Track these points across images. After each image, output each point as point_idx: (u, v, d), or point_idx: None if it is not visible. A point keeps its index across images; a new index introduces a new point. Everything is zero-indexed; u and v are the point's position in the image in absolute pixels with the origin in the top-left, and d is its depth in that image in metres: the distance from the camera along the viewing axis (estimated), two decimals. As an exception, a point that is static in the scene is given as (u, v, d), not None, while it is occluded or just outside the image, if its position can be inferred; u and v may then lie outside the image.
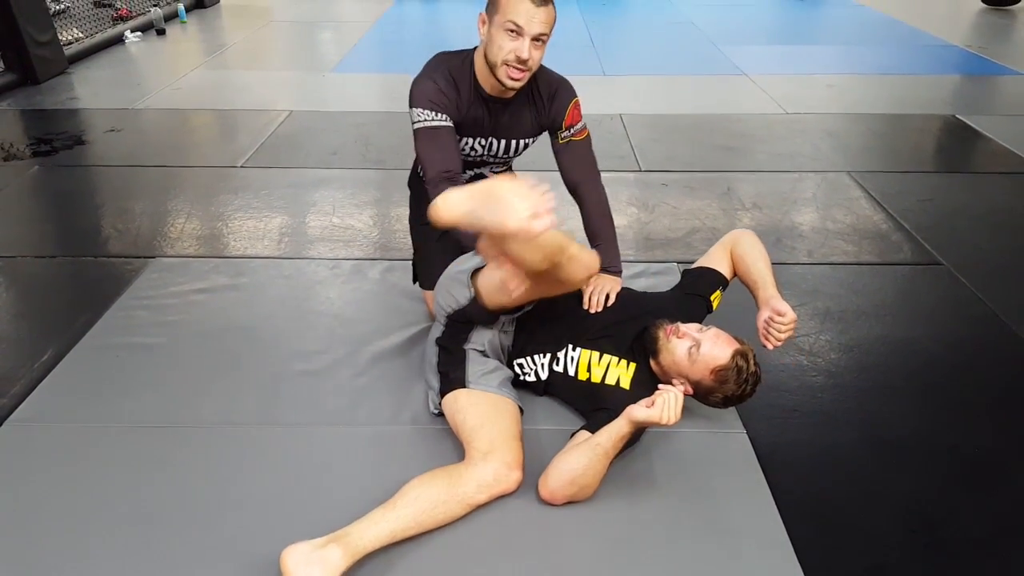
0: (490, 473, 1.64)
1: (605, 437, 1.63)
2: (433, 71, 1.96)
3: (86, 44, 5.56)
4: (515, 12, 1.77)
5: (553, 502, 1.68)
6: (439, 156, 1.90)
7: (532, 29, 1.79)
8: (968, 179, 3.50)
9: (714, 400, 1.79)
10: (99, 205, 3.23)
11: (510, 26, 1.79)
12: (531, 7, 1.77)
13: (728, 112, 4.38)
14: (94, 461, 1.81)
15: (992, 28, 6.69)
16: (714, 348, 1.74)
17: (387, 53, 6.02)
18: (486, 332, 1.92)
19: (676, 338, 1.78)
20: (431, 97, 1.90)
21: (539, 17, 1.78)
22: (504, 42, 1.81)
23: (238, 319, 2.38)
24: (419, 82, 1.95)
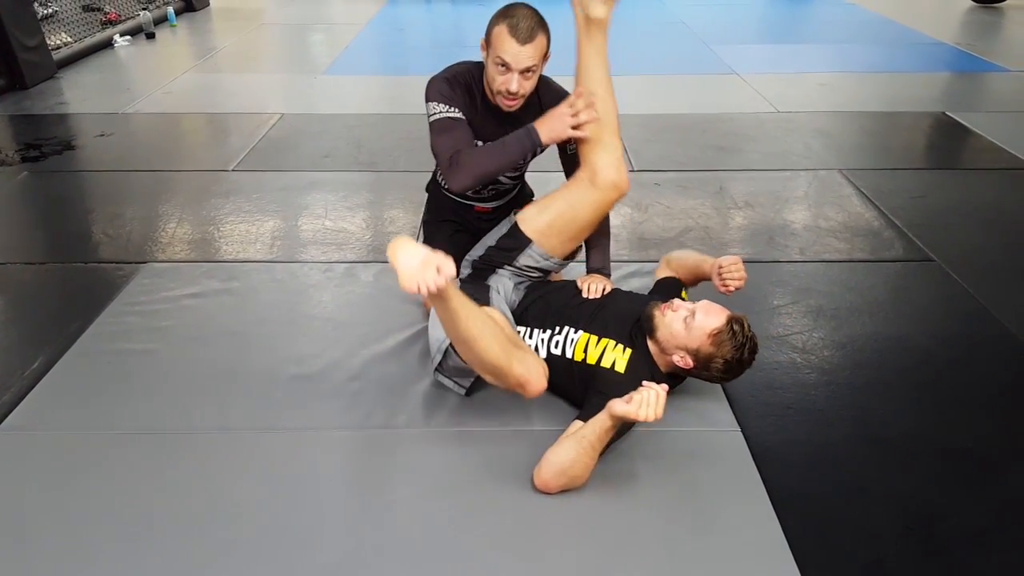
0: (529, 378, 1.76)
1: (590, 430, 1.67)
2: (449, 75, 2.03)
3: (75, 48, 5.53)
4: (503, 50, 1.86)
5: (547, 491, 1.71)
6: (451, 143, 1.96)
7: (519, 65, 1.87)
8: (959, 176, 3.51)
9: (715, 367, 1.81)
10: (89, 210, 3.22)
11: (499, 61, 1.88)
12: (516, 47, 1.85)
13: (720, 111, 4.39)
14: (86, 469, 1.80)
15: (981, 26, 6.72)
16: (708, 315, 1.82)
17: (379, 55, 6.02)
18: (506, 280, 2.08)
19: (671, 312, 1.85)
20: (445, 93, 1.99)
21: (525, 54, 1.86)
22: (495, 75, 1.91)
23: (230, 324, 2.37)
24: (434, 81, 2.02)
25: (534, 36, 1.85)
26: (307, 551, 1.59)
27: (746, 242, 2.90)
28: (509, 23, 1.84)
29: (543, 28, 1.89)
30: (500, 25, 1.86)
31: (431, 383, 2.08)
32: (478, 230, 2.23)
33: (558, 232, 2.04)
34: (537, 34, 1.86)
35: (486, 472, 1.79)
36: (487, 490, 1.74)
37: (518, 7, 1.89)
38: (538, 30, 1.87)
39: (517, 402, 1.99)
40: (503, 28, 1.85)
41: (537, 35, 1.86)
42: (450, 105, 1.97)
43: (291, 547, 1.59)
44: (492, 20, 1.90)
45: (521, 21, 1.84)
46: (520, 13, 1.86)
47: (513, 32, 1.83)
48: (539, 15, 1.90)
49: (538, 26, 1.87)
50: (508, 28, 1.84)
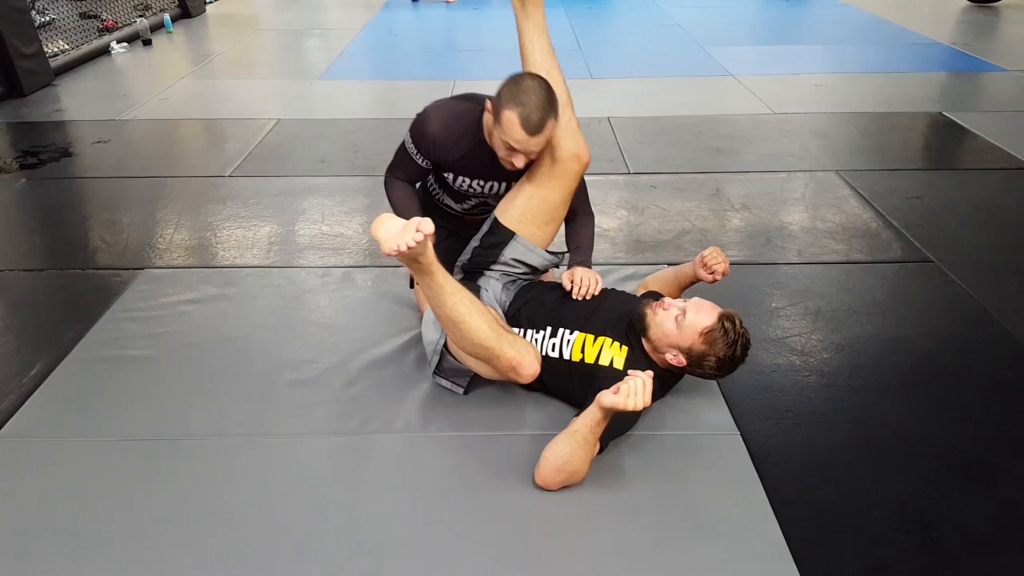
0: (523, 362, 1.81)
1: (582, 423, 1.67)
2: (447, 114, 2.02)
3: (72, 56, 5.53)
4: (511, 135, 1.82)
5: (548, 488, 1.72)
6: (405, 172, 2.14)
7: (527, 151, 1.86)
8: (956, 176, 3.52)
9: (708, 366, 1.82)
10: (87, 217, 3.21)
11: (506, 143, 1.85)
12: (524, 136, 1.81)
13: (716, 113, 4.39)
14: (84, 475, 1.79)
15: (977, 25, 6.73)
16: (699, 313, 1.83)
17: (375, 60, 6.02)
18: (494, 281, 2.10)
19: (662, 310, 1.86)
20: (426, 140, 2.01)
21: (533, 143, 1.83)
22: (501, 147, 1.89)
23: (228, 329, 2.36)
24: (428, 116, 2.01)
25: (544, 126, 1.81)
26: (305, 557, 1.58)
27: (743, 244, 2.90)
28: (521, 113, 1.78)
29: (552, 111, 1.82)
30: (511, 111, 1.79)
31: (429, 387, 2.07)
32: (469, 237, 2.23)
33: (532, 217, 2.04)
34: (547, 123, 1.81)
35: (485, 476, 1.78)
36: (486, 494, 1.73)
37: (530, 92, 1.80)
38: (548, 119, 1.81)
39: (515, 405, 1.99)
40: (514, 116, 1.78)
41: (547, 124, 1.82)
42: (418, 152, 2.03)
43: (289, 553, 1.59)
44: (503, 97, 1.82)
45: (532, 114, 1.78)
46: (532, 102, 1.78)
47: (524, 124, 1.79)
48: (550, 97, 1.82)
49: (548, 114, 1.81)
50: (520, 119, 1.78)
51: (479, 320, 1.76)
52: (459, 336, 1.79)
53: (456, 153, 2.01)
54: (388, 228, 1.67)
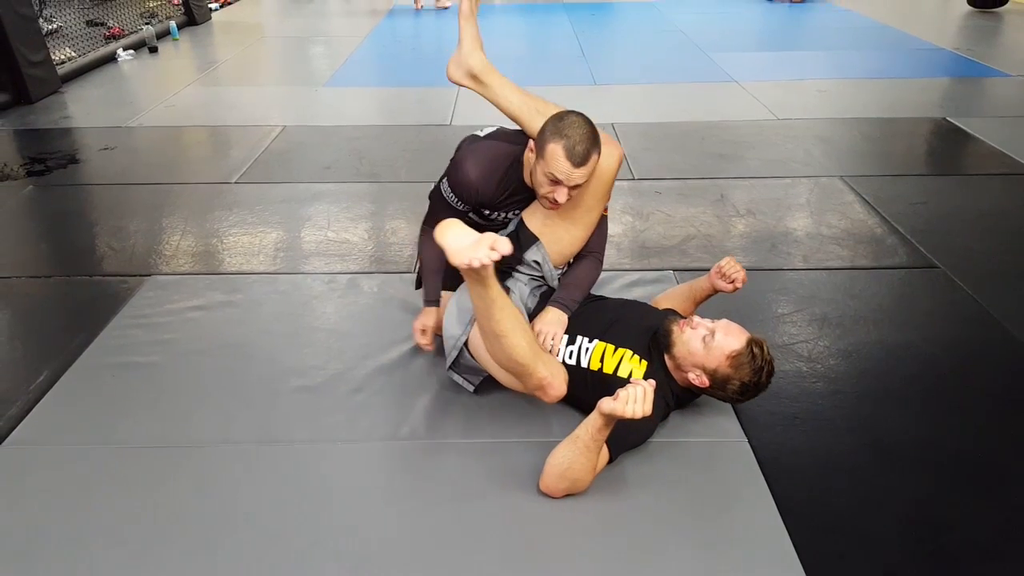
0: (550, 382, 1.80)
1: (583, 431, 1.66)
2: (484, 159, 1.97)
3: (79, 63, 5.57)
4: (555, 167, 1.79)
5: (552, 496, 1.72)
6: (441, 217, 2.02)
7: (571, 183, 1.82)
8: (961, 181, 3.51)
9: (731, 389, 1.81)
10: (93, 224, 3.23)
11: (550, 176, 1.81)
12: (569, 167, 1.78)
13: (720, 119, 4.40)
14: (91, 483, 1.80)
15: (979, 31, 6.73)
16: (728, 335, 1.81)
17: (380, 67, 6.04)
18: (522, 285, 2.07)
19: (690, 329, 1.84)
20: (468, 190, 1.97)
21: (577, 174, 1.80)
22: (544, 184, 1.85)
23: (234, 336, 2.37)
24: (466, 166, 1.96)
25: (588, 158, 1.79)
26: (313, 564, 1.58)
27: (748, 250, 2.90)
28: (566, 145, 1.77)
29: (596, 145, 1.81)
30: (555, 144, 1.78)
31: (436, 394, 2.08)
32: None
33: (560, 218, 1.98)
34: (592, 155, 1.79)
35: (492, 483, 1.78)
36: (493, 501, 1.73)
37: (574, 125, 1.79)
38: (593, 151, 1.80)
39: (522, 412, 1.99)
40: (559, 148, 1.77)
41: (591, 156, 1.79)
42: (458, 199, 1.99)
43: (297, 560, 1.59)
44: (547, 132, 1.81)
45: (578, 145, 1.76)
46: (577, 135, 1.77)
47: (569, 156, 1.77)
48: (593, 130, 1.81)
49: (593, 146, 1.80)
50: (564, 151, 1.77)
51: (520, 337, 1.74)
52: (497, 348, 1.77)
53: (498, 196, 1.99)
54: (457, 238, 1.63)
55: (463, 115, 4.54)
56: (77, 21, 6.63)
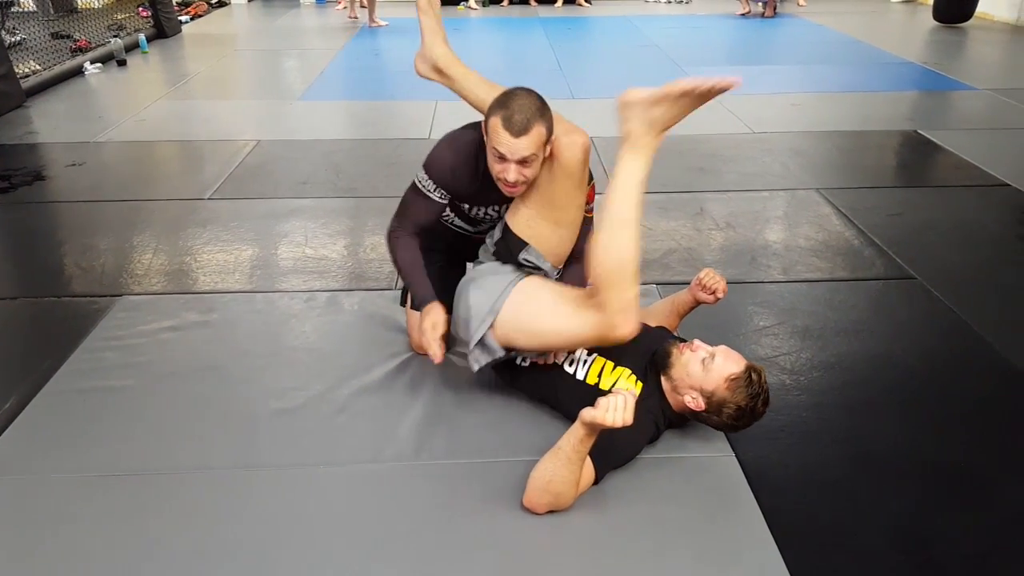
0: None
1: (565, 441, 1.65)
2: (459, 144, 1.96)
3: (44, 76, 5.45)
4: (496, 140, 1.78)
5: (534, 511, 1.70)
6: (415, 218, 2.05)
7: (515, 156, 1.78)
8: (934, 193, 3.56)
9: (727, 413, 1.80)
10: (61, 242, 3.14)
11: (495, 152, 1.80)
12: (510, 138, 1.76)
13: (696, 133, 4.40)
14: (63, 513, 1.73)
15: (945, 45, 6.88)
16: (727, 360, 1.82)
17: (355, 80, 6.00)
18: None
19: (690, 351, 1.85)
20: (441, 173, 1.95)
21: (520, 146, 1.77)
22: (493, 163, 1.83)
23: (210, 357, 2.31)
24: (441, 149, 1.96)
25: (529, 128, 1.75)
26: (296, 594, 1.54)
27: (729, 263, 2.90)
28: (504, 115, 1.75)
29: (541, 117, 1.78)
30: (495, 117, 1.77)
31: (420, 414, 2.04)
32: (469, 259, 2.19)
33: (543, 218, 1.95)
34: (533, 125, 1.75)
35: (479, 504, 1.75)
36: (480, 522, 1.70)
37: (516, 97, 1.79)
38: (534, 121, 1.76)
39: (508, 431, 1.97)
40: (497, 120, 1.76)
41: (533, 126, 1.75)
42: (436, 186, 1.97)
43: (279, 591, 1.54)
44: (490, 108, 1.81)
45: (516, 113, 1.74)
46: (516, 104, 1.76)
47: (507, 125, 1.75)
48: (538, 103, 1.78)
49: (535, 116, 1.76)
50: (502, 121, 1.75)
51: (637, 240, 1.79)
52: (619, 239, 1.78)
53: (474, 181, 1.96)
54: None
55: (442, 128, 4.48)
56: (42, 33, 6.52)
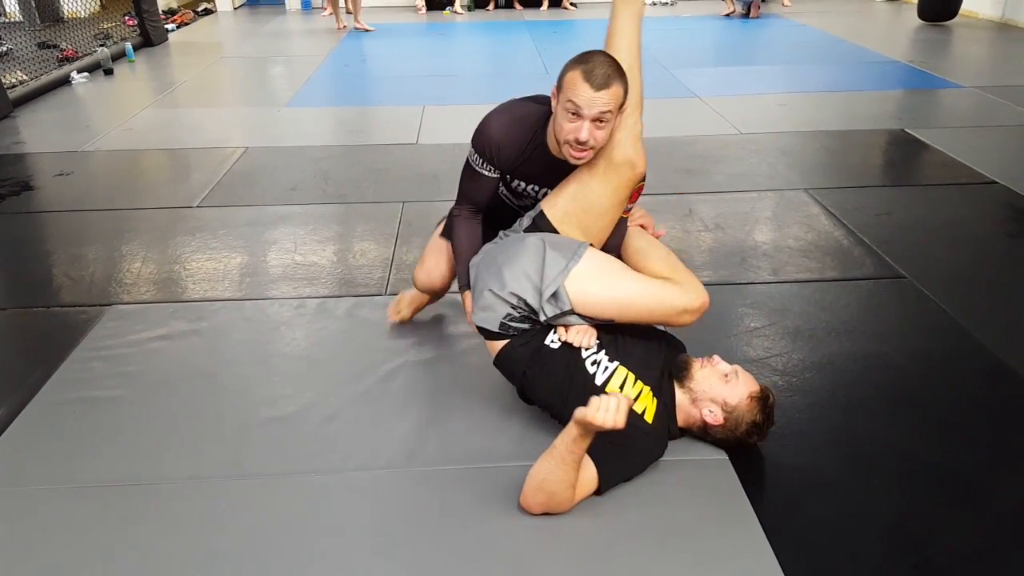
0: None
1: (560, 441, 1.65)
2: (509, 117, 1.94)
3: (31, 86, 5.42)
4: (574, 93, 1.74)
5: (529, 511, 1.70)
6: (471, 195, 2.06)
7: (592, 112, 1.75)
8: (922, 191, 3.58)
9: (742, 429, 1.84)
10: (49, 252, 3.12)
11: (570, 107, 1.76)
12: (589, 91, 1.73)
13: (684, 135, 4.43)
14: (53, 525, 1.71)
15: (931, 43, 6.93)
16: (747, 377, 1.88)
17: (342, 86, 5.99)
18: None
19: (711, 366, 1.88)
20: (490, 146, 1.93)
21: (599, 100, 1.73)
22: (565, 122, 1.79)
23: (200, 366, 2.30)
24: (490, 122, 1.94)
25: (610, 83, 1.73)
26: (290, 604, 1.53)
27: (719, 264, 2.91)
28: (584, 68, 1.73)
29: (621, 77, 1.77)
30: (574, 71, 1.75)
31: (412, 420, 2.03)
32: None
33: (576, 219, 1.92)
34: (613, 82, 1.74)
35: (473, 510, 1.74)
36: (474, 528, 1.69)
37: (595, 54, 1.78)
38: (615, 78, 1.75)
39: (502, 436, 1.96)
40: (577, 73, 1.74)
41: (613, 83, 1.74)
42: (486, 161, 1.95)
43: (273, 601, 1.53)
44: (566, 66, 1.79)
45: (597, 68, 1.73)
46: (597, 59, 1.75)
47: (587, 77, 1.72)
48: (617, 64, 1.78)
49: (615, 74, 1.75)
50: (583, 73, 1.73)
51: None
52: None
53: (519, 156, 1.94)
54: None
55: (429, 133, 4.52)
56: (28, 43, 6.48)
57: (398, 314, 2.45)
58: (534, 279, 1.85)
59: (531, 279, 1.85)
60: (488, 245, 2.05)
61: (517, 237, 1.96)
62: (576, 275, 1.83)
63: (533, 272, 1.85)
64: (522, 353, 1.89)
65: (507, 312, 1.86)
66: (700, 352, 1.97)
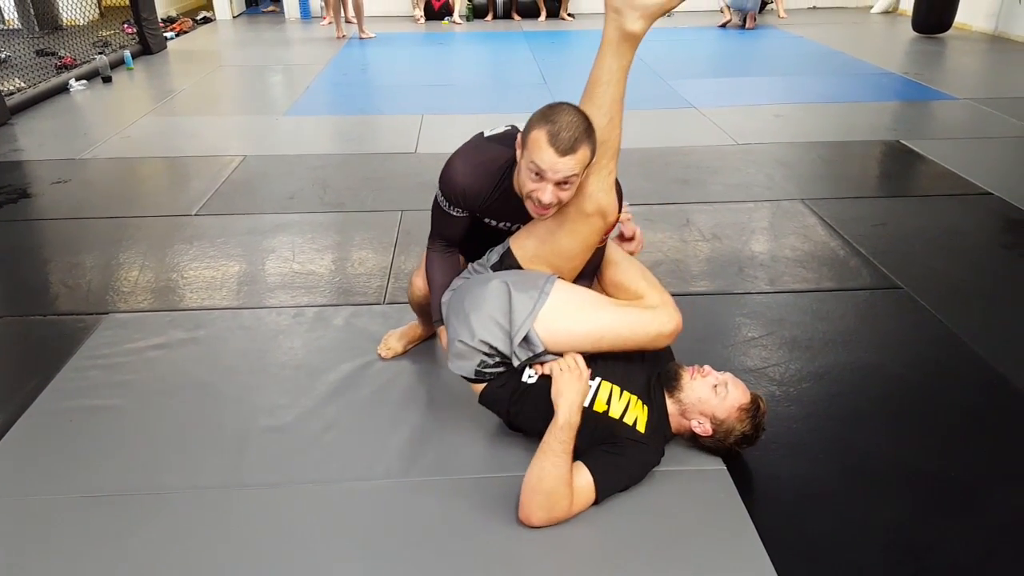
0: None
1: (548, 434, 1.70)
2: (473, 161, 1.87)
3: (29, 94, 5.43)
4: (538, 156, 1.65)
5: (528, 516, 1.69)
6: (443, 232, 2.02)
7: (555, 176, 1.67)
8: (918, 202, 3.60)
9: (731, 441, 1.85)
10: (47, 260, 3.12)
11: (533, 167, 1.67)
12: (554, 156, 1.64)
13: (681, 145, 4.45)
14: (49, 536, 1.71)
15: (925, 55, 6.97)
16: (736, 389, 1.86)
17: (341, 95, 6.00)
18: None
19: (701, 377, 1.87)
20: (454, 192, 1.88)
21: (564, 165, 1.65)
22: (528, 180, 1.71)
23: (198, 375, 2.29)
24: (453, 166, 1.88)
25: (576, 148, 1.64)
26: (287, 615, 1.52)
27: (716, 275, 2.92)
28: (550, 130, 1.63)
29: (588, 138, 1.67)
30: (539, 129, 1.65)
31: (410, 430, 2.03)
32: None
33: (544, 261, 1.90)
34: (580, 146, 1.64)
35: (471, 521, 1.74)
36: (473, 539, 1.69)
37: (562, 112, 1.67)
38: (582, 141, 1.65)
39: (499, 447, 1.96)
40: (542, 134, 1.64)
41: (580, 147, 1.64)
42: (452, 204, 1.91)
43: (270, 611, 1.53)
44: (532, 120, 1.69)
45: (563, 130, 1.63)
46: (563, 120, 1.64)
47: (552, 141, 1.63)
48: (585, 122, 1.67)
49: (583, 135, 1.65)
50: (548, 136, 1.63)
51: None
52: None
53: (485, 200, 1.89)
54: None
55: (428, 142, 4.53)
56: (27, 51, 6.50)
57: (389, 351, 2.37)
58: (503, 323, 1.83)
59: (500, 324, 1.83)
60: (457, 280, 2.02)
61: (481, 279, 1.94)
62: (545, 315, 1.80)
63: (501, 317, 1.83)
64: (501, 394, 1.89)
65: (480, 359, 1.85)
66: (695, 362, 1.97)
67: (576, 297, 1.87)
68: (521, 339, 1.81)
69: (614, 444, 1.71)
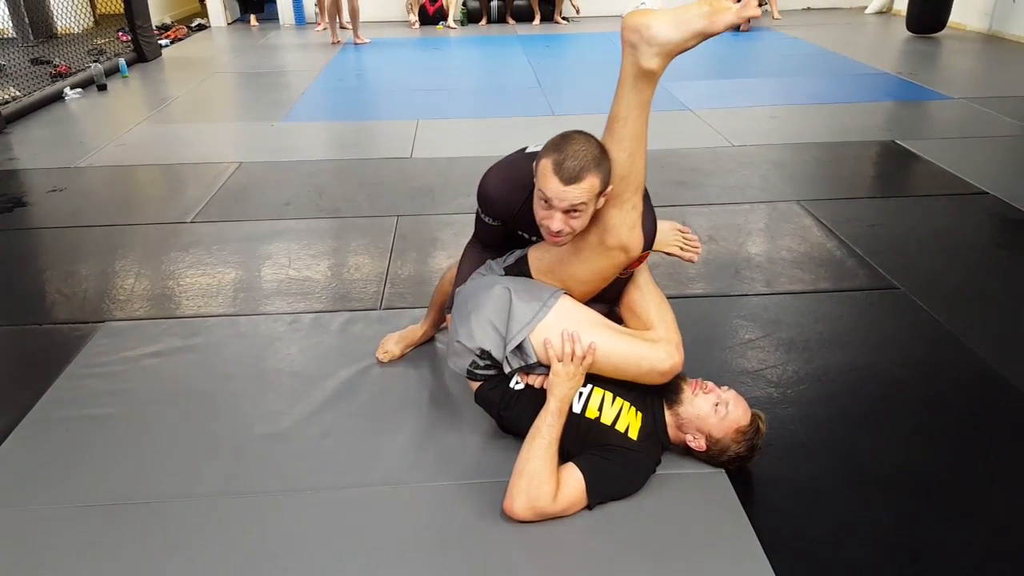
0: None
1: (537, 417, 1.73)
2: (505, 175, 1.90)
3: (24, 103, 5.41)
4: (545, 184, 1.67)
5: (512, 508, 1.70)
6: (481, 236, 2.08)
7: (562, 205, 1.67)
8: (913, 202, 3.60)
9: (725, 459, 1.84)
10: (42, 269, 3.11)
11: (541, 195, 1.69)
12: (559, 185, 1.64)
13: (676, 147, 4.45)
14: (47, 545, 1.70)
15: (919, 55, 6.99)
16: (737, 409, 1.83)
17: (336, 101, 6.00)
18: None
19: (703, 393, 1.85)
20: (487, 203, 1.94)
21: (569, 194, 1.65)
22: (539, 208, 1.73)
23: (194, 383, 2.29)
24: (487, 178, 1.92)
25: (582, 177, 1.63)
26: (285, 623, 1.52)
27: (713, 276, 2.92)
28: (556, 159, 1.64)
29: (597, 167, 1.65)
30: (547, 158, 1.66)
31: (408, 436, 2.03)
32: None
33: (559, 281, 1.90)
34: (587, 174, 1.63)
35: (469, 527, 1.74)
36: (472, 545, 1.69)
37: (573, 141, 1.67)
38: (588, 170, 1.64)
39: (497, 452, 1.95)
40: (549, 163, 1.65)
41: (587, 176, 1.63)
42: (489, 215, 1.95)
43: (268, 620, 1.52)
44: (544, 147, 1.70)
45: (569, 159, 1.63)
46: (571, 150, 1.64)
47: (558, 170, 1.63)
48: (597, 151, 1.67)
49: (590, 165, 1.64)
50: (554, 164, 1.64)
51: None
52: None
53: (515, 214, 1.91)
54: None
55: (423, 148, 4.53)
56: (21, 59, 6.49)
57: (387, 354, 2.37)
58: (500, 329, 1.85)
59: (497, 330, 1.85)
60: (475, 274, 2.04)
61: (487, 281, 1.95)
62: (543, 328, 1.82)
63: (499, 323, 1.85)
64: (492, 396, 1.92)
65: (472, 360, 1.88)
66: (693, 368, 1.96)
67: (578, 315, 1.86)
68: (514, 347, 1.83)
69: (605, 449, 1.71)
